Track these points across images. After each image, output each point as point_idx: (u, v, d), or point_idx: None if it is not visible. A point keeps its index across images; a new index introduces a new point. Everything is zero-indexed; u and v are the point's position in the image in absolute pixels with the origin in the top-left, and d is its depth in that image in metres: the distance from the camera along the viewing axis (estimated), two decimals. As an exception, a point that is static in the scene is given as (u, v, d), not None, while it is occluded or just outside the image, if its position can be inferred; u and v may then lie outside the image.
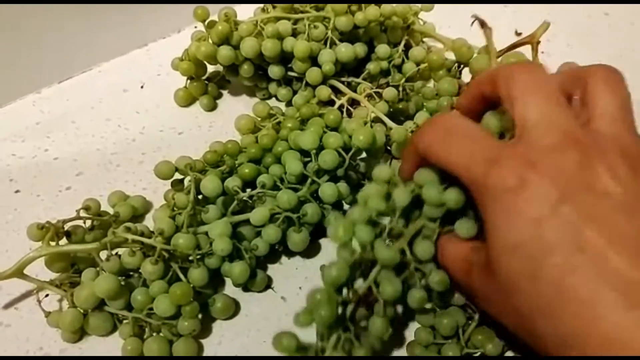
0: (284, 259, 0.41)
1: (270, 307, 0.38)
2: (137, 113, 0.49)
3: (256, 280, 0.38)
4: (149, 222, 0.42)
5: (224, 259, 0.37)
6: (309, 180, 0.38)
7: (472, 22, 0.37)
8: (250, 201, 0.38)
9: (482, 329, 0.34)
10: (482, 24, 0.38)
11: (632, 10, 0.60)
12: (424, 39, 0.51)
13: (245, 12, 0.47)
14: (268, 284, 0.39)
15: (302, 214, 0.37)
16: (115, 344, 0.36)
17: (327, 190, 0.38)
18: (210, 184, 0.37)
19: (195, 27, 0.48)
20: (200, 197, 0.39)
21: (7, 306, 0.38)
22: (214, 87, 0.50)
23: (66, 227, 0.37)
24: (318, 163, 0.38)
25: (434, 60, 0.45)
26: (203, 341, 0.37)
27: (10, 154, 0.46)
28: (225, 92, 0.51)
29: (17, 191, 0.44)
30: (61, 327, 0.36)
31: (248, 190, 0.39)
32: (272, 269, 0.40)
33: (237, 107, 0.50)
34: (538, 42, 0.43)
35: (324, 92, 0.46)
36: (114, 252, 0.36)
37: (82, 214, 0.38)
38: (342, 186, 0.39)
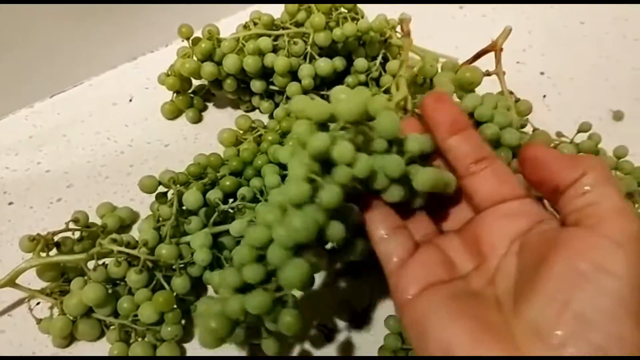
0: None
1: (250, 313, 0.40)
2: (126, 126, 0.51)
3: None
4: (135, 232, 0.44)
5: (205, 267, 0.39)
6: None
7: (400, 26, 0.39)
8: (231, 212, 0.40)
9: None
10: (403, 29, 0.39)
11: (607, 19, 0.62)
12: (401, 52, 0.52)
13: (228, 28, 0.49)
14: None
15: None
16: (103, 348, 0.38)
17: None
18: (192, 197, 0.39)
19: (183, 41, 0.49)
20: (184, 208, 0.41)
21: (1, 313, 0.40)
22: (199, 100, 0.52)
23: (56, 238, 0.39)
24: None
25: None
26: (186, 345, 0.39)
27: (4, 167, 0.48)
28: (210, 105, 0.53)
29: (10, 203, 0.46)
30: (52, 333, 0.38)
31: (230, 201, 0.41)
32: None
33: (221, 119, 0.52)
34: (501, 50, 0.45)
35: (304, 104, 0.48)
36: (100, 262, 0.38)
37: (71, 225, 0.40)
38: None
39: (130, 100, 0.53)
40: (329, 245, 0.31)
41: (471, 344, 0.24)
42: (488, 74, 0.40)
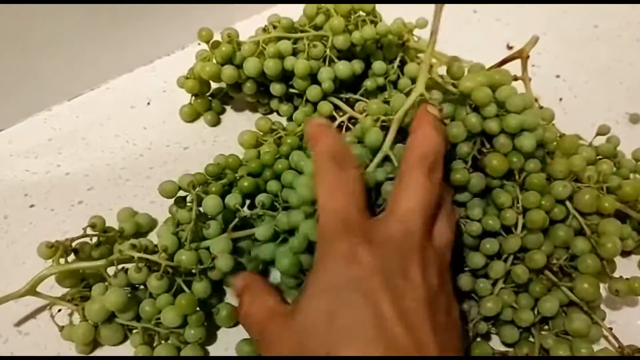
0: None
1: (273, 315, 0.40)
2: (144, 129, 0.52)
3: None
4: (153, 235, 0.44)
5: (226, 273, 0.39)
6: None
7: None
8: (249, 217, 0.40)
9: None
10: None
11: (619, 23, 0.62)
12: (419, 55, 0.53)
13: (246, 31, 0.49)
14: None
15: None
16: (127, 353, 0.38)
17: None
18: (211, 202, 0.39)
19: (199, 43, 0.50)
20: (201, 210, 0.41)
21: (26, 316, 0.40)
22: (218, 103, 0.52)
23: (74, 244, 0.39)
24: None
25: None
26: (210, 348, 0.39)
27: (25, 170, 0.48)
28: (228, 108, 0.53)
29: (31, 205, 0.46)
30: (74, 340, 0.38)
31: (247, 204, 0.42)
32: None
33: (240, 122, 0.52)
34: (527, 57, 0.45)
35: (325, 107, 0.48)
36: (120, 267, 0.38)
37: (89, 231, 0.40)
38: None
39: (148, 104, 0.54)
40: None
41: None
42: (515, 79, 0.40)
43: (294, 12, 0.50)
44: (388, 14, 0.50)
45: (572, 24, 0.63)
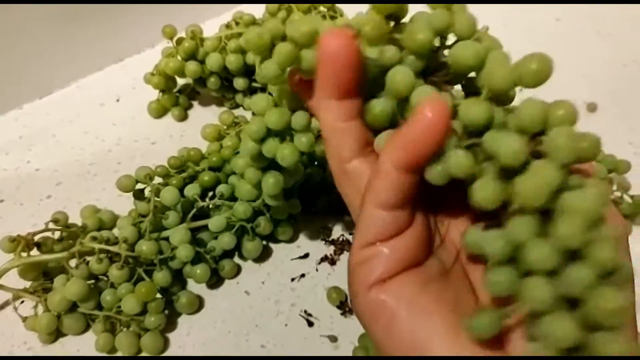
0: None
1: (234, 301, 0.42)
2: (113, 125, 0.53)
3: (226, 269, 0.42)
4: (117, 230, 0.45)
5: (185, 262, 0.40)
6: None
7: None
8: (207, 207, 0.41)
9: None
10: None
11: (581, 17, 0.64)
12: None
13: (213, 30, 0.50)
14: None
15: (256, 225, 0.41)
16: (89, 341, 0.39)
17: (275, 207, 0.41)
18: (168, 194, 0.40)
19: (168, 42, 0.51)
20: (159, 201, 0.42)
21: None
22: (185, 99, 0.54)
23: (36, 238, 0.40)
24: None
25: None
26: (172, 334, 0.40)
27: (-5, 167, 0.50)
28: (195, 103, 0.55)
29: (1, 201, 0.47)
30: (38, 329, 0.39)
31: (207, 198, 0.43)
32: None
33: (206, 117, 0.53)
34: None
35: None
36: (82, 259, 0.39)
37: (51, 225, 0.41)
38: (294, 203, 0.42)
39: (118, 101, 0.55)
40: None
41: (452, 343, 0.22)
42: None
43: (261, 11, 0.51)
44: (350, 10, 0.51)
45: (534, 18, 0.64)
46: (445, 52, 0.26)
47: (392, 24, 0.27)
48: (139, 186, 0.42)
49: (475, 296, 0.25)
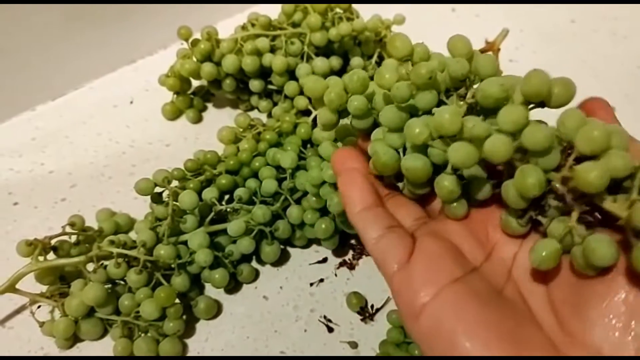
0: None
1: (252, 306, 0.41)
2: (127, 127, 0.52)
3: (244, 274, 0.41)
4: (133, 233, 0.44)
5: (203, 267, 0.40)
6: (282, 197, 0.41)
7: None
8: (225, 211, 0.41)
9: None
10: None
11: (596, 18, 0.63)
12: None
13: (226, 31, 0.50)
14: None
15: (275, 229, 0.41)
16: (107, 347, 0.39)
17: (295, 212, 0.41)
18: (187, 197, 0.40)
19: (182, 43, 0.50)
20: (177, 205, 0.41)
21: (10, 310, 0.41)
22: (199, 101, 0.53)
23: (53, 242, 0.40)
24: (294, 183, 0.41)
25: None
26: (190, 339, 0.40)
27: (8, 169, 0.49)
28: (210, 105, 0.54)
29: (15, 203, 0.47)
30: (55, 335, 0.38)
31: (224, 202, 0.42)
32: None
33: (221, 119, 0.53)
34: (498, 49, 0.46)
35: (301, 102, 0.49)
36: (99, 263, 0.39)
37: (68, 229, 0.40)
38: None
39: (131, 102, 0.54)
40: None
41: None
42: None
43: (275, 11, 0.51)
44: (366, 11, 0.51)
45: (549, 19, 0.64)
46: None
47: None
48: (157, 189, 0.42)
49: (544, 336, 0.23)
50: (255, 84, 0.49)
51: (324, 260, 0.43)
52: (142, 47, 0.58)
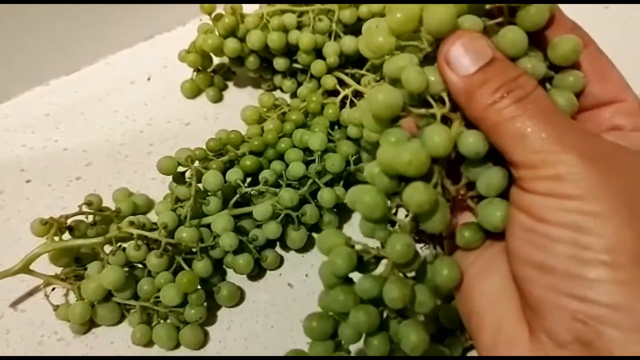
0: (290, 247, 0.42)
1: (277, 294, 0.39)
2: (145, 105, 0.50)
3: (268, 260, 0.39)
4: (152, 214, 0.43)
5: (227, 251, 0.38)
6: (310, 181, 0.39)
7: None
8: (249, 194, 0.39)
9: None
10: None
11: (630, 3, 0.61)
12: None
13: (250, 5, 0.47)
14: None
15: (302, 214, 0.38)
16: (124, 333, 0.37)
17: (327, 195, 0.39)
18: (212, 178, 0.38)
19: (201, 19, 0.48)
20: (201, 187, 0.39)
21: (22, 292, 0.39)
22: (220, 79, 0.51)
23: (69, 222, 0.38)
24: (324, 165, 0.39)
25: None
26: (212, 327, 0.38)
27: (21, 145, 0.47)
28: (230, 84, 0.52)
29: (28, 181, 0.45)
30: (70, 319, 0.37)
31: (248, 183, 0.40)
32: (278, 257, 0.41)
33: (242, 99, 0.51)
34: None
35: (329, 81, 0.46)
36: (118, 245, 0.37)
37: (85, 208, 0.39)
38: (340, 190, 0.40)
39: (149, 79, 0.52)
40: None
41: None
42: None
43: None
44: None
45: (582, 5, 0.61)
46: None
47: None
48: (179, 169, 0.40)
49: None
50: (279, 62, 0.47)
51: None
52: (160, 22, 0.56)
